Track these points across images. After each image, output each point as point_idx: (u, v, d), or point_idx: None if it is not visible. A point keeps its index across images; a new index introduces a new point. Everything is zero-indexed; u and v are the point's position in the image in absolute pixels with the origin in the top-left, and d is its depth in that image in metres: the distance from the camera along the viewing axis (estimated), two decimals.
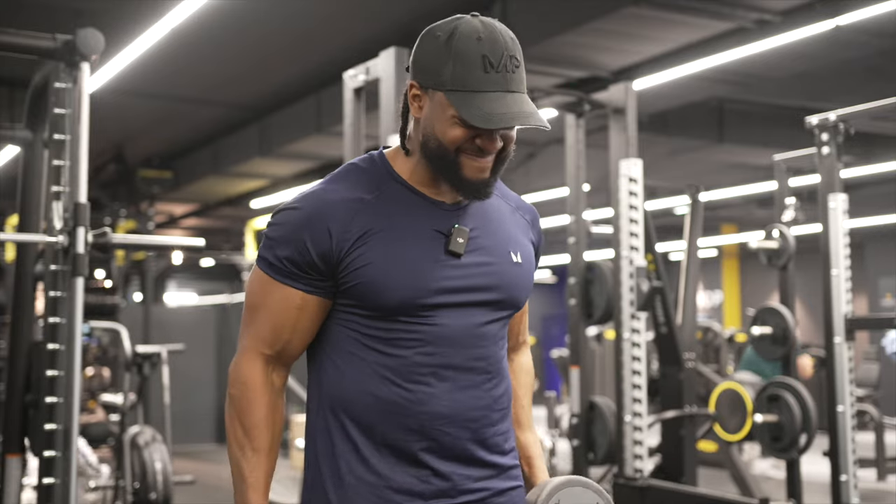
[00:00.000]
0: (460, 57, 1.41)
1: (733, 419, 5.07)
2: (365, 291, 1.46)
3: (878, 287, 13.03)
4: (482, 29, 1.42)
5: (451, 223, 1.50)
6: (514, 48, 1.44)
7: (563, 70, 6.29)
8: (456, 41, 1.41)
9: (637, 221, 4.40)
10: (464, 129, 1.43)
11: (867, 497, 6.44)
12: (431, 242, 1.48)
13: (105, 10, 5.97)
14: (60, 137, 2.78)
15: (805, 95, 7.71)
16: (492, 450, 1.53)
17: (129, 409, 5.22)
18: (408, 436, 1.47)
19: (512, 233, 1.58)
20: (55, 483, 2.68)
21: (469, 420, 1.50)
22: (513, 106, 1.41)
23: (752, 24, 5.65)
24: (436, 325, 1.47)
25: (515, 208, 1.63)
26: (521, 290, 1.56)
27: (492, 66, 1.40)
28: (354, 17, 6.30)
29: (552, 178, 8.63)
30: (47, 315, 2.76)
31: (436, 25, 1.46)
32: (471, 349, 1.50)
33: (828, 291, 3.75)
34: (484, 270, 1.51)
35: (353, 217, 1.46)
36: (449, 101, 1.42)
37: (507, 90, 1.41)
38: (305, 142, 8.48)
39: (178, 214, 13.67)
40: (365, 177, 1.52)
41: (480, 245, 1.52)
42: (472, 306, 1.50)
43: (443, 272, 1.48)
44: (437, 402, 1.47)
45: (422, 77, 1.46)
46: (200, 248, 3.34)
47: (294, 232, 1.47)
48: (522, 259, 1.57)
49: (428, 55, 1.45)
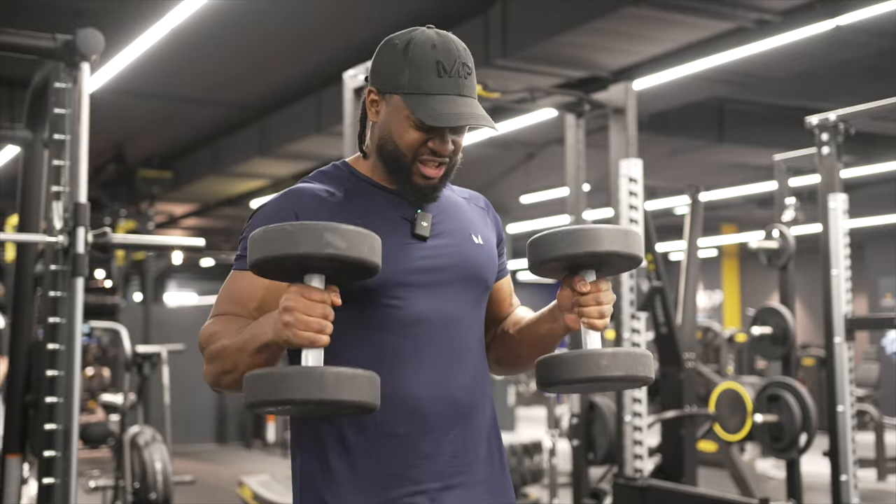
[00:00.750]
0: (416, 62, 1.51)
1: (733, 419, 5.07)
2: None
3: (878, 287, 13.03)
4: (437, 38, 1.53)
5: (413, 210, 1.59)
6: (467, 57, 1.55)
7: (563, 70, 6.29)
8: (412, 48, 1.52)
9: (637, 221, 4.40)
10: (418, 132, 1.52)
11: (867, 497, 6.44)
12: (398, 228, 1.56)
13: (105, 10, 5.98)
14: (60, 137, 2.78)
15: (805, 95, 7.71)
16: (477, 431, 1.58)
17: (129, 409, 5.22)
18: (393, 419, 1.50)
19: (470, 217, 1.67)
20: (55, 483, 2.68)
21: (452, 400, 1.54)
22: (464, 108, 1.51)
23: (752, 24, 5.65)
24: (411, 307, 1.53)
25: (468, 198, 1.73)
26: (485, 268, 1.63)
27: (445, 72, 1.51)
28: (354, 17, 6.30)
29: (552, 178, 8.64)
30: (47, 315, 2.76)
31: (394, 35, 1.57)
32: (447, 330, 1.56)
33: (828, 291, 3.75)
34: (449, 251, 1.59)
35: (321, 206, 1.55)
36: (405, 103, 1.51)
37: (458, 94, 1.52)
38: (305, 142, 8.48)
39: (178, 214, 13.67)
40: (331, 177, 1.62)
41: (443, 229, 1.60)
42: (442, 286, 1.56)
43: (412, 253, 1.55)
44: (419, 384, 1.52)
45: (380, 83, 1.57)
46: (200, 248, 3.35)
47: (264, 224, 1.48)
48: (483, 241, 1.65)
49: (386, 62, 1.55)
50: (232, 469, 8.32)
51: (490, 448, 1.61)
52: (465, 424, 1.56)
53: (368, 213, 1.56)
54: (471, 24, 6.24)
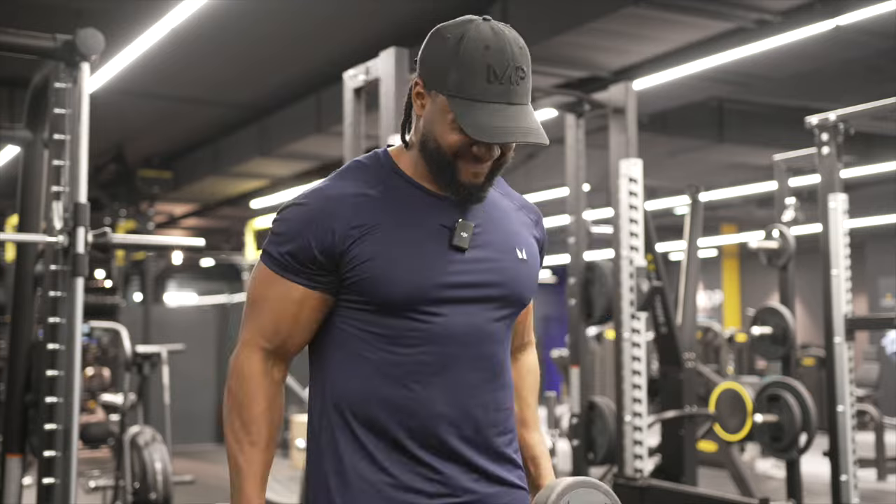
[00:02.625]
0: (465, 64, 1.40)
1: (733, 419, 5.06)
2: (369, 286, 1.45)
3: (878, 287, 13.03)
4: (491, 36, 1.41)
5: (455, 217, 1.50)
6: (522, 59, 1.43)
7: (563, 70, 6.29)
8: (463, 46, 1.40)
9: (637, 221, 4.40)
10: (462, 136, 1.43)
11: (867, 497, 6.44)
12: (436, 237, 1.48)
13: (105, 10, 5.97)
14: (60, 137, 2.78)
15: (805, 95, 7.71)
16: (496, 450, 1.53)
17: (129, 409, 5.22)
18: (411, 435, 1.46)
19: (517, 229, 1.57)
20: (55, 483, 2.68)
21: (472, 420, 1.49)
22: (513, 120, 1.40)
23: (752, 24, 5.65)
24: (440, 322, 1.46)
25: (520, 207, 1.63)
26: (525, 287, 1.55)
27: (496, 77, 1.40)
28: (354, 17, 6.30)
29: (552, 178, 8.63)
30: (47, 315, 2.76)
31: (446, 25, 1.45)
32: (475, 348, 1.49)
33: (828, 291, 3.75)
34: (488, 266, 1.50)
35: (356, 212, 1.46)
36: (450, 107, 1.42)
37: (509, 102, 1.41)
38: (305, 142, 8.47)
39: (178, 214, 13.67)
40: (369, 173, 1.52)
41: (485, 241, 1.51)
42: (476, 302, 1.49)
43: (447, 267, 1.47)
44: (441, 401, 1.47)
45: (427, 77, 1.46)
46: (200, 248, 3.34)
47: (297, 227, 1.47)
48: (528, 256, 1.56)
49: (434, 56, 1.45)
50: None
51: (510, 465, 1.56)
52: (486, 444, 1.51)
53: (406, 218, 1.48)
54: None
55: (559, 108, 4.82)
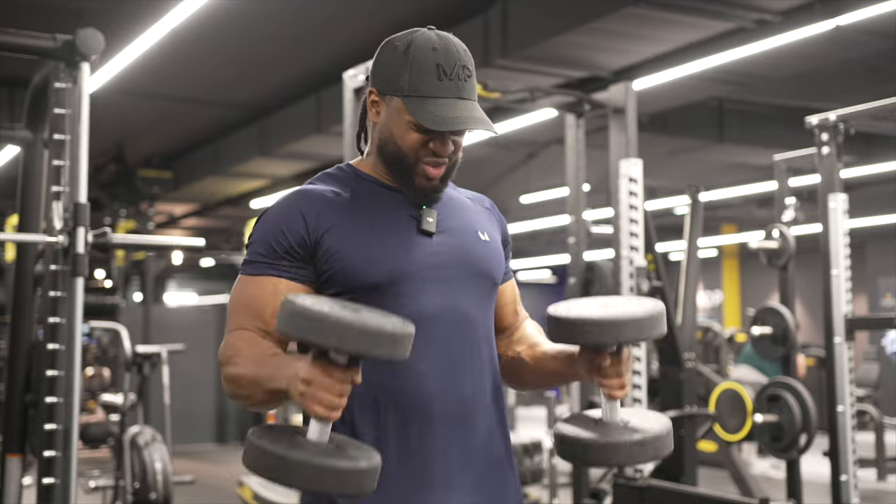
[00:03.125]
0: (416, 65, 1.51)
1: (733, 419, 5.06)
2: (348, 274, 1.51)
3: (878, 287, 13.03)
4: (437, 40, 1.53)
5: (418, 208, 1.60)
6: (467, 59, 1.55)
7: (563, 70, 6.29)
8: (413, 51, 1.52)
9: (637, 221, 4.40)
10: (418, 134, 1.53)
11: (867, 497, 6.44)
12: (404, 224, 1.57)
13: (105, 10, 5.98)
14: (60, 137, 2.78)
15: (805, 95, 7.71)
16: (486, 426, 1.57)
17: (129, 409, 5.22)
18: (402, 417, 1.50)
19: (474, 216, 1.68)
20: (55, 483, 2.68)
21: (460, 397, 1.54)
22: (464, 111, 1.51)
23: (752, 24, 5.65)
24: (420, 302, 1.52)
25: (472, 199, 1.73)
26: (492, 265, 1.64)
27: (445, 75, 1.51)
28: (354, 17, 6.30)
29: (552, 178, 8.64)
30: (47, 315, 2.76)
31: (394, 37, 1.57)
32: (456, 326, 1.56)
33: (828, 291, 3.75)
34: (455, 247, 1.60)
35: (327, 206, 1.55)
36: (405, 105, 1.52)
37: (458, 97, 1.52)
38: (305, 142, 8.48)
39: (178, 214, 13.67)
40: (336, 178, 1.63)
41: (448, 226, 1.61)
42: (449, 282, 1.57)
43: (419, 249, 1.56)
44: (428, 381, 1.52)
45: (380, 84, 1.57)
46: (200, 248, 3.35)
47: (270, 225, 1.54)
48: (489, 238, 1.66)
49: (386, 64, 1.56)
50: (232, 469, 8.32)
51: (498, 447, 1.60)
52: (473, 423, 1.55)
53: (374, 211, 1.57)
54: (471, 24, 6.23)
55: (559, 108, 4.82)
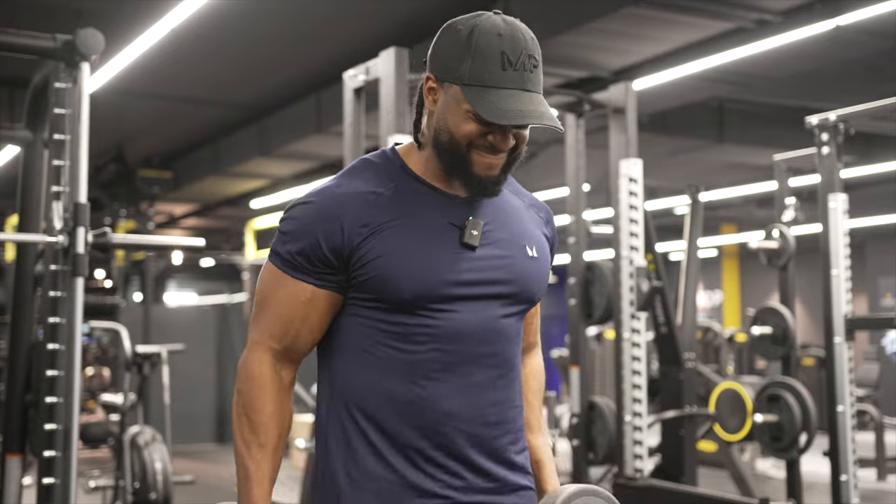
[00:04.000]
0: (479, 52, 1.41)
1: (733, 419, 5.06)
2: (379, 284, 1.44)
3: (878, 287, 13.03)
4: (503, 26, 1.42)
5: (465, 216, 1.49)
6: (534, 48, 1.44)
7: (563, 70, 6.29)
8: (476, 36, 1.41)
9: (637, 221, 4.40)
10: (477, 125, 1.42)
11: (867, 497, 6.44)
12: (446, 235, 1.47)
13: (105, 10, 5.97)
14: (60, 137, 2.78)
15: (805, 95, 7.71)
16: (505, 449, 1.52)
17: (129, 409, 5.22)
18: (420, 432, 1.46)
19: (527, 227, 1.57)
20: (55, 483, 2.68)
21: (482, 418, 1.48)
22: (528, 104, 1.40)
23: (752, 24, 5.65)
24: (450, 319, 1.45)
25: (529, 205, 1.63)
26: (536, 284, 1.55)
27: (510, 64, 1.40)
28: (354, 17, 6.30)
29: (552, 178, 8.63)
30: (47, 315, 2.76)
31: (457, 20, 1.46)
32: (485, 345, 1.48)
33: (828, 291, 3.75)
34: (498, 263, 1.50)
35: (365, 210, 1.45)
36: (464, 95, 1.41)
37: (523, 88, 1.41)
38: (305, 142, 8.47)
39: (178, 214, 13.66)
40: (378, 172, 1.52)
41: (495, 238, 1.51)
42: (486, 299, 1.48)
43: (458, 264, 1.46)
44: (450, 399, 1.46)
45: (439, 70, 1.46)
46: (200, 248, 3.34)
47: (306, 227, 1.46)
48: (538, 253, 1.56)
49: (447, 49, 1.45)
50: (232, 469, 8.26)
51: (518, 465, 1.55)
52: (495, 443, 1.50)
53: (415, 217, 1.47)
54: None
55: (559, 108, 4.82)
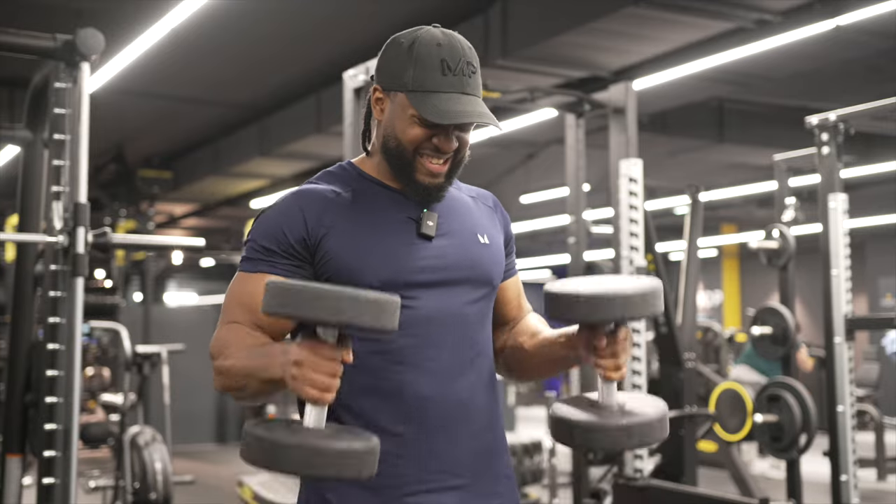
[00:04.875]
0: (421, 60, 1.51)
1: (733, 419, 5.06)
2: (345, 277, 1.50)
3: (878, 287, 13.03)
4: (441, 37, 1.53)
5: (419, 210, 1.59)
6: (472, 56, 1.55)
7: (563, 70, 6.29)
8: (417, 47, 1.52)
9: (637, 221, 4.40)
10: (422, 128, 1.52)
11: (867, 497, 6.44)
12: (404, 227, 1.56)
13: (105, 10, 5.98)
14: (60, 137, 2.79)
15: (805, 95, 7.71)
16: (482, 432, 1.57)
17: (129, 409, 5.22)
18: (398, 419, 1.50)
19: (475, 218, 1.66)
20: (55, 483, 2.68)
21: (457, 400, 1.54)
22: (467, 105, 1.51)
23: (752, 24, 5.65)
24: (417, 306, 1.52)
25: (476, 197, 1.72)
26: (491, 267, 1.63)
27: (449, 70, 1.51)
28: (354, 17, 6.30)
29: (552, 178, 8.65)
30: (47, 315, 2.76)
31: (399, 34, 1.57)
32: (452, 330, 1.55)
33: (828, 291, 3.75)
34: (454, 251, 1.59)
35: (327, 206, 1.54)
36: (409, 100, 1.51)
37: (462, 92, 1.51)
38: (305, 142, 8.48)
39: (178, 214, 13.67)
40: (337, 178, 1.62)
41: (448, 229, 1.60)
42: (447, 286, 1.56)
43: (417, 253, 1.55)
44: (425, 383, 1.51)
45: (385, 80, 1.56)
46: (200, 248, 3.35)
47: (270, 224, 1.53)
48: (489, 240, 1.65)
49: (391, 60, 1.55)
50: (232, 469, 8.32)
51: (494, 448, 1.60)
52: (469, 424, 1.55)
53: (374, 213, 1.56)
54: (471, 23, 6.24)
55: (559, 108, 4.82)
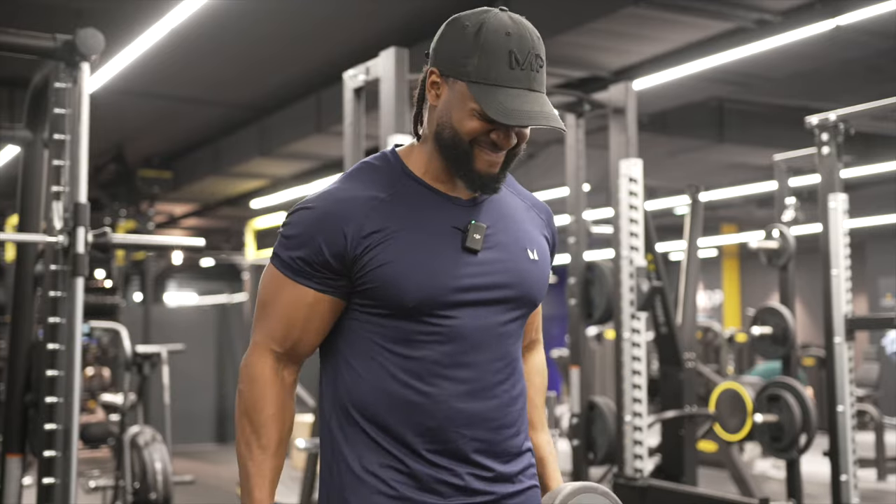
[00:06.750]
0: (487, 50, 1.40)
1: (733, 419, 5.06)
2: (382, 292, 1.44)
3: (878, 287, 13.03)
4: (511, 24, 1.43)
5: (467, 219, 1.49)
6: (540, 48, 1.45)
7: (563, 70, 6.29)
8: (485, 33, 1.41)
9: (637, 221, 4.40)
10: (481, 122, 1.42)
11: (867, 497, 6.44)
12: (448, 239, 1.47)
13: (105, 10, 5.97)
14: (60, 137, 2.79)
15: (805, 95, 7.71)
16: (510, 449, 1.53)
17: (129, 409, 5.22)
18: (424, 436, 1.46)
19: (527, 229, 1.57)
20: (55, 483, 2.68)
21: (486, 420, 1.49)
22: (534, 104, 1.41)
23: (752, 24, 5.65)
24: (454, 324, 1.46)
25: (530, 206, 1.63)
26: (537, 288, 1.55)
27: (517, 63, 1.40)
28: (354, 17, 6.30)
29: (552, 178, 8.63)
30: (47, 315, 2.76)
31: (464, 15, 1.46)
32: (488, 348, 1.49)
33: (828, 291, 3.75)
34: (501, 267, 1.50)
35: (367, 216, 1.45)
36: (471, 92, 1.41)
37: (529, 88, 1.41)
38: (305, 142, 8.47)
39: (178, 214, 13.67)
40: (379, 175, 1.51)
41: (497, 241, 1.51)
42: (489, 304, 1.49)
43: (461, 270, 1.46)
44: (454, 402, 1.46)
45: (444, 65, 1.45)
46: (200, 248, 3.35)
47: (307, 232, 1.46)
48: (539, 256, 1.56)
49: (453, 44, 1.44)
50: (232, 469, 8.31)
51: (523, 467, 1.55)
52: (499, 444, 1.51)
53: (417, 222, 1.47)
54: None
55: (559, 108, 4.82)
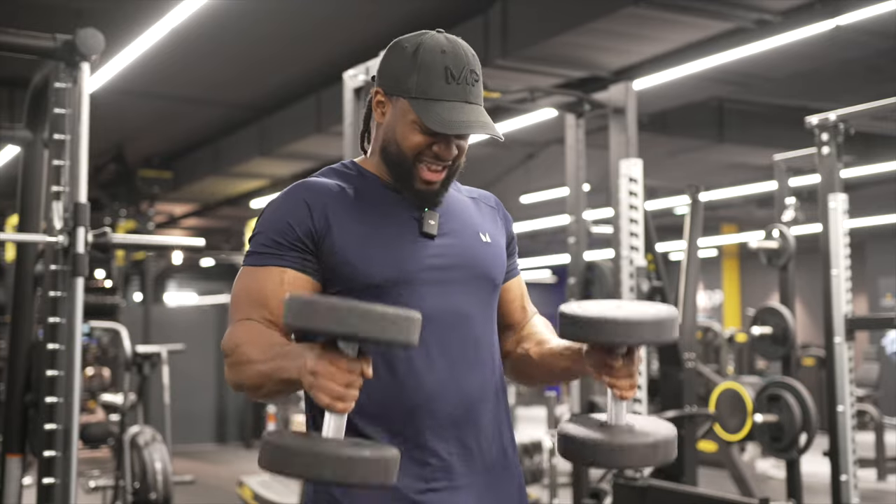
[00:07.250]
0: (425, 67, 1.51)
1: (733, 419, 5.06)
2: (349, 271, 1.51)
3: (878, 287, 13.04)
4: (446, 44, 1.53)
5: (421, 210, 1.59)
6: (475, 63, 1.55)
7: (563, 70, 6.29)
8: (422, 53, 1.52)
9: (637, 221, 4.40)
10: (423, 136, 1.52)
11: (867, 497, 6.44)
12: (407, 225, 1.57)
13: (105, 10, 5.98)
14: (60, 137, 2.79)
15: (805, 95, 7.71)
16: (488, 429, 1.57)
17: (129, 409, 5.22)
18: (403, 418, 1.50)
19: (476, 218, 1.67)
20: (55, 483, 2.68)
21: (462, 398, 1.53)
22: (470, 115, 1.51)
23: (752, 24, 5.65)
24: (419, 304, 1.50)
25: (477, 198, 1.73)
26: (493, 267, 1.64)
27: (453, 78, 1.51)
28: (354, 17, 6.30)
29: (552, 178, 8.65)
30: (47, 315, 2.76)
31: (403, 38, 1.57)
32: (456, 328, 1.56)
33: (828, 291, 3.75)
34: (458, 250, 1.60)
35: (332, 200, 1.55)
36: (412, 107, 1.52)
37: (466, 101, 1.52)
38: (305, 142, 8.48)
39: (178, 214, 13.68)
40: (341, 174, 1.63)
41: (450, 229, 1.61)
42: (450, 284, 1.57)
43: (420, 251, 1.56)
44: (430, 382, 1.51)
45: (387, 85, 1.56)
46: (200, 248, 3.35)
47: (277, 217, 1.54)
48: (491, 239, 1.66)
49: (394, 64, 1.55)
50: (232, 469, 8.32)
51: (502, 447, 1.60)
52: (476, 422, 1.55)
53: (377, 211, 1.57)
54: (471, 24, 6.23)
55: (559, 108, 4.82)
